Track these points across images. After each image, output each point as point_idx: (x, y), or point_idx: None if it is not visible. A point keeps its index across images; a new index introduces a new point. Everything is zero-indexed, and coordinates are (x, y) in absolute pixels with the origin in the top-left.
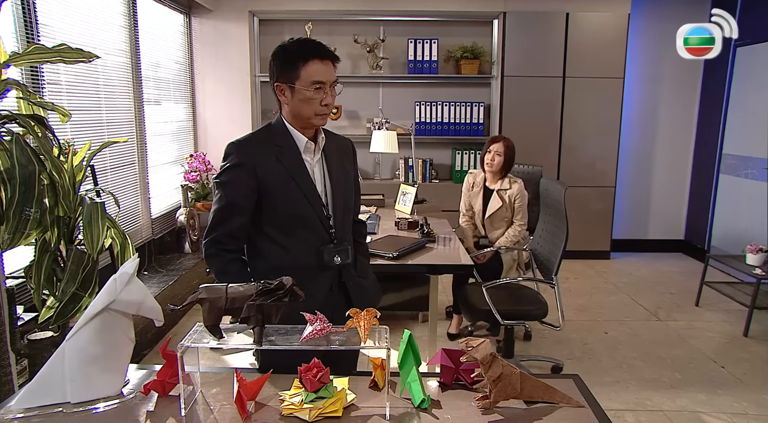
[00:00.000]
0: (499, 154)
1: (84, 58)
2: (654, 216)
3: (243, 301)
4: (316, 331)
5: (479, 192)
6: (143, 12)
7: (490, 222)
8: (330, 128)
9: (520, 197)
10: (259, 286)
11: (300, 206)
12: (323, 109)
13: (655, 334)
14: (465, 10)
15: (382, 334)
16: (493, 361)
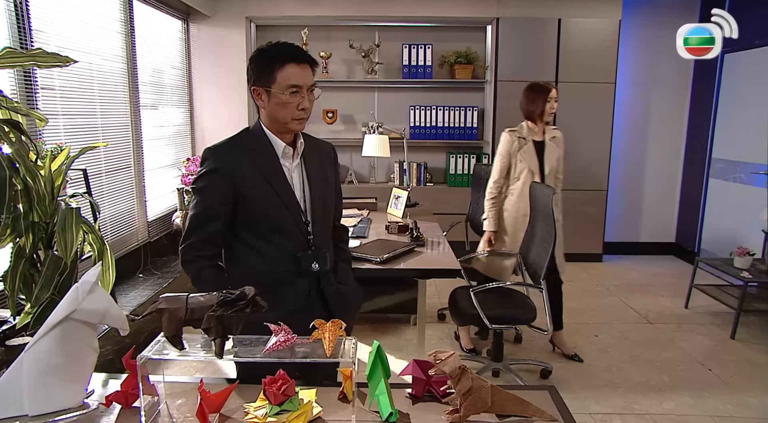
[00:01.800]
0: (557, 100)
1: (60, 62)
2: (646, 219)
3: (203, 312)
4: (280, 342)
5: (531, 147)
6: (141, 18)
7: (549, 179)
8: (326, 132)
9: (563, 145)
10: (220, 296)
11: (277, 212)
12: (300, 113)
13: (644, 337)
14: (459, 16)
15: (349, 346)
16: (462, 374)
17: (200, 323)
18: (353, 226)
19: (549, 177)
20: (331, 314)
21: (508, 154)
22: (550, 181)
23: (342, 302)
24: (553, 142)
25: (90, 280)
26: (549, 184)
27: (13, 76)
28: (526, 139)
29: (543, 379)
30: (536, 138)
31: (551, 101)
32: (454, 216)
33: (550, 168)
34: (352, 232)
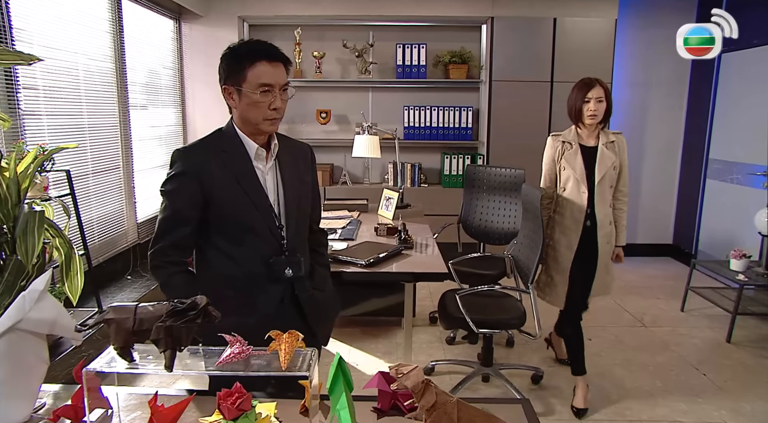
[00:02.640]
0: (600, 100)
1: (23, 60)
2: (642, 220)
3: (152, 323)
4: (234, 354)
5: (577, 151)
6: (131, 17)
7: (600, 190)
8: (320, 132)
9: (624, 152)
10: (170, 306)
11: (248, 215)
12: (272, 113)
13: (638, 341)
14: (453, 15)
15: (308, 359)
16: (426, 388)
17: (149, 334)
18: (342, 228)
19: (601, 187)
20: (306, 321)
21: (552, 160)
22: (603, 192)
23: (318, 309)
24: (610, 149)
25: (38, 288)
26: (601, 195)
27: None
28: (572, 143)
29: (534, 385)
30: (587, 143)
31: (591, 101)
32: (447, 217)
33: (601, 177)
34: (340, 234)
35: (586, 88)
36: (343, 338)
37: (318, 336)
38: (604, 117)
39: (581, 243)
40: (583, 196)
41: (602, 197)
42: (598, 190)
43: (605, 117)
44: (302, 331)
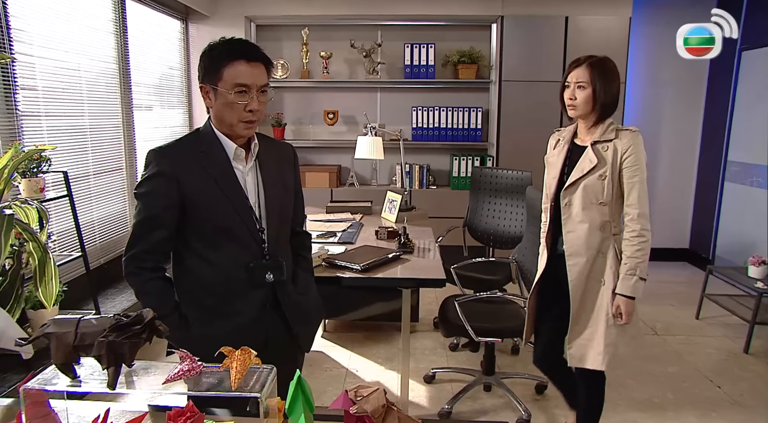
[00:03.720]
0: (582, 85)
1: None
2: (657, 224)
3: (95, 337)
4: (183, 371)
5: (562, 150)
6: (137, 18)
7: (570, 203)
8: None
9: (635, 157)
10: (114, 319)
11: (227, 218)
12: (248, 115)
13: (650, 350)
14: (462, 14)
15: (264, 377)
16: (388, 413)
17: (91, 349)
18: (342, 231)
19: (571, 199)
20: (289, 327)
21: (547, 162)
22: (575, 206)
23: (301, 314)
24: (600, 150)
25: None
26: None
27: None
28: (564, 141)
29: (538, 395)
30: (582, 141)
31: (570, 86)
32: (453, 220)
33: (570, 184)
34: (340, 237)
35: (568, 70)
36: (345, 343)
37: (301, 343)
38: (596, 109)
39: (550, 274)
40: (545, 208)
41: (575, 213)
42: (565, 202)
43: (599, 109)
44: (285, 337)
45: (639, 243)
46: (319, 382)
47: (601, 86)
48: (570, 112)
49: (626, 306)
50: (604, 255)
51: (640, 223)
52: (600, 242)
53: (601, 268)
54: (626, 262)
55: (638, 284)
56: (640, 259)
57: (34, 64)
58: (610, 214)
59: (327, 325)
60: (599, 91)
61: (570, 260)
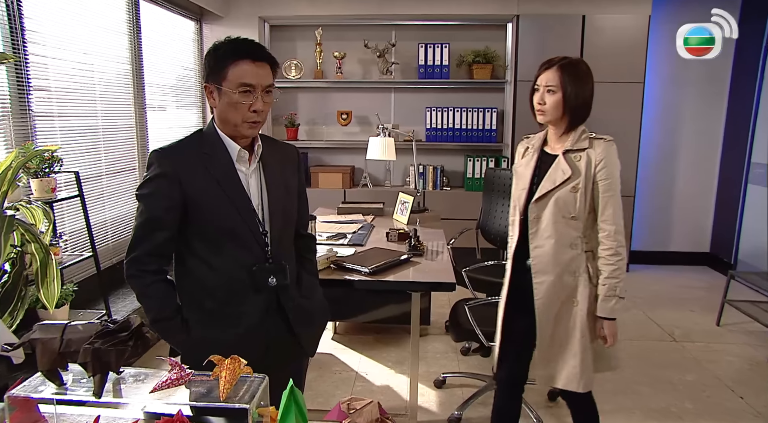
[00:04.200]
0: (552, 89)
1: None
2: (677, 227)
3: (80, 344)
4: (171, 380)
5: (531, 159)
6: (151, 19)
7: (539, 217)
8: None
9: (609, 168)
10: (100, 326)
11: (230, 220)
12: (252, 115)
13: (668, 357)
14: (477, 14)
15: (255, 387)
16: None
17: (77, 356)
18: (352, 233)
19: (540, 212)
20: (293, 331)
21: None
22: (543, 220)
23: (304, 319)
24: (572, 160)
25: None
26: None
27: (5, 76)
28: (533, 149)
29: (550, 402)
30: (552, 150)
31: (539, 90)
32: (467, 221)
33: (540, 197)
34: (350, 239)
35: (538, 72)
36: (355, 346)
37: (305, 347)
38: (566, 115)
39: (519, 293)
40: (512, 222)
41: (543, 227)
42: (534, 216)
43: (570, 115)
44: (288, 341)
45: (616, 261)
46: (327, 385)
47: (572, 90)
48: (539, 117)
49: (610, 328)
50: (575, 273)
51: (616, 240)
52: (570, 259)
53: (572, 287)
54: (604, 282)
55: (618, 305)
56: (618, 279)
57: (47, 64)
58: (582, 229)
59: (337, 327)
60: (570, 95)
61: (536, 277)
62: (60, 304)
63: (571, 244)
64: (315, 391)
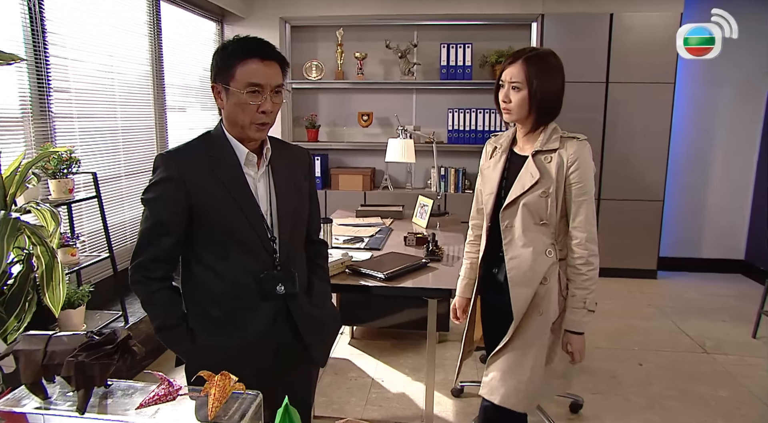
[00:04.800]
0: (517, 86)
1: (3, 59)
2: (709, 233)
3: (64, 356)
4: (158, 396)
5: (499, 160)
6: (172, 20)
7: (511, 223)
8: (362, 135)
9: (582, 170)
10: (86, 337)
11: (237, 226)
12: (261, 117)
13: (699, 370)
14: (501, 13)
15: (246, 404)
16: None
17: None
18: (369, 236)
19: (512, 218)
20: (303, 341)
21: (480, 175)
22: (516, 227)
23: (314, 328)
24: (542, 161)
25: None
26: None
27: (26, 78)
28: (501, 150)
29: (572, 414)
30: (522, 151)
31: (504, 86)
32: None
33: (511, 202)
34: (366, 243)
35: (502, 66)
36: (372, 351)
37: (315, 357)
38: (532, 113)
39: (494, 303)
40: (474, 225)
41: (517, 236)
42: (505, 224)
43: (536, 113)
44: (297, 351)
45: (587, 271)
46: (342, 391)
47: (539, 86)
48: (505, 116)
49: (577, 343)
50: (546, 282)
51: (588, 248)
52: (546, 269)
53: (540, 296)
54: (573, 293)
55: (587, 318)
56: (588, 290)
57: (67, 66)
58: (554, 235)
59: (354, 331)
60: (536, 91)
61: (514, 290)
62: (76, 305)
63: (545, 251)
64: (329, 397)
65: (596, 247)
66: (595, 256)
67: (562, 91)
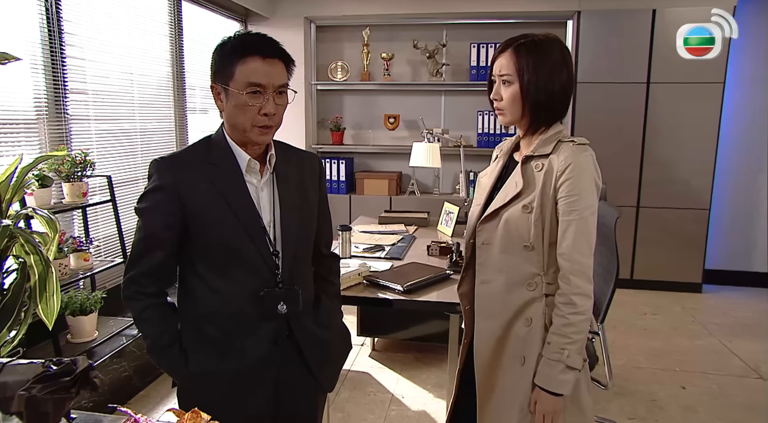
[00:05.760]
0: (507, 79)
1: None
2: (761, 244)
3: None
4: None
5: (495, 168)
6: (195, 21)
7: (485, 243)
8: (388, 139)
9: (575, 181)
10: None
11: (235, 239)
12: (263, 119)
13: (751, 396)
14: (534, 11)
15: None
16: None
17: (11, 403)
18: (390, 245)
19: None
20: (307, 365)
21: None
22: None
23: (321, 350)
24: (531, 170)
25: None
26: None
27: (43, 79)
28: (503, 153)
29: None
30: (519, 156)
31: (496, 81)
32: None
33: (488, 215)
34: (387, 252)
35: (492, 58)
36: (393, 365)
37: (321, 382)
38: (526, 112)
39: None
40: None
41: (492, 257)
42: (482, 240)
43: (530, 112)
44: (301, 375)
45: (569, 313)
46: (360, 408)
47: (532, 78)
48: (499, 118)
49: (548, 404)
50: (529, 323)
51: (572, 282)
52: (524, 303)
53: (521, 339)
54: (550, 340)
55: (566, 376)
56: (569, 339)
57: (84, 67)
58: (542, 263)
59: (376, 343)
60: (529, 85)
61: (479, 321)
62: (88, 311)
63: (526, 282)
64: (346, 413)
65: (587, 283)
66: (583, 296)
67: (568, 88)
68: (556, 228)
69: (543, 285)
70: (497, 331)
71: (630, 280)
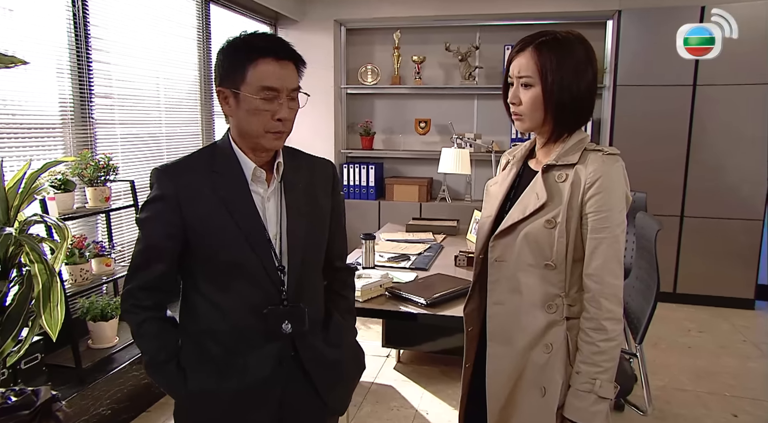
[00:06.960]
0: (528, 82)
1: (2, 62)
2: None
3: None
4: None
5: (508, 176)
6: (224, 24)
7: (499, 260)
8: (419, 144)
9: (605, 196)
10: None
11: (238, 253)
12: (276, 125)
13: None
14: (571, 11)
15: None
16: None
17: None
18: (417, 254)
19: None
20: (314, 387)
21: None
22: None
23: (329, 371)
24: (552, 180)
25: None
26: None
27: (68, 84)
28: (516, 160)
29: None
30: (536, 164)
31: (513, 84)
32: None
33: (504, 230)
34: (412, 262)
35: (508, 58)
36: (419, 378)
37: (331, 404)
38: (548, 117)
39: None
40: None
41: (507, 276)
42: (495, 256)
43: (553, 117)
44: (308, 396)
45: (600, 341)
46: (382, 422)
47: (556, 78)
48: (516, 124)
49: None
50: (548, 349)
51: (602, 306)
52: (543, 328)
53: (540, 367)
54: (579, 369)
55: (598, 407)
56: (600, 368)
57: (110, 71)
58: (563, 283)
59: (401, 355)
60: (552, 86)
61: (493, 346)
62: (109, 317)
63: (545, 304)
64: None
65: (618, 307)
66: (615, 321)
67: (592, 89)
68: (581, 244)
69: (564, 307)
70: (514, 358)
71: (672, 293)
